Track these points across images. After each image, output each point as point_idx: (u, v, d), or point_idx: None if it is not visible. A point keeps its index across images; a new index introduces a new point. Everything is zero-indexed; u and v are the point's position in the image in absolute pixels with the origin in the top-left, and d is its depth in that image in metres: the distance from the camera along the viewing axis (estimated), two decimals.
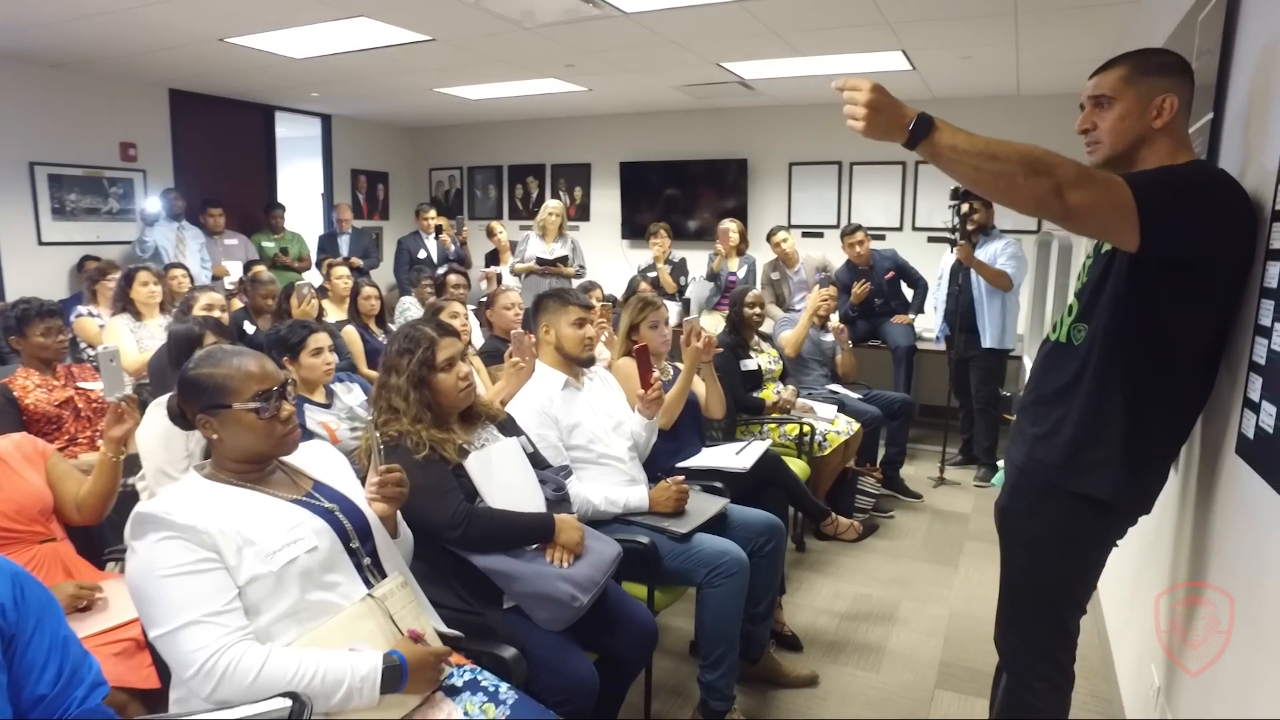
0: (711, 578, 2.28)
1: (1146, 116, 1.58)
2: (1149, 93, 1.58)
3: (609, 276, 7.25)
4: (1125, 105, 1.59)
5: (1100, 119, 1.63)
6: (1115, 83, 1.61)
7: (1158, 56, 1.63)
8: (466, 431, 2.06)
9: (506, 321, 3.80)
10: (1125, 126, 1.60)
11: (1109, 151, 1.63)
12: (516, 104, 6.87)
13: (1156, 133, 1.59)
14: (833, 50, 4.72)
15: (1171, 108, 1.57)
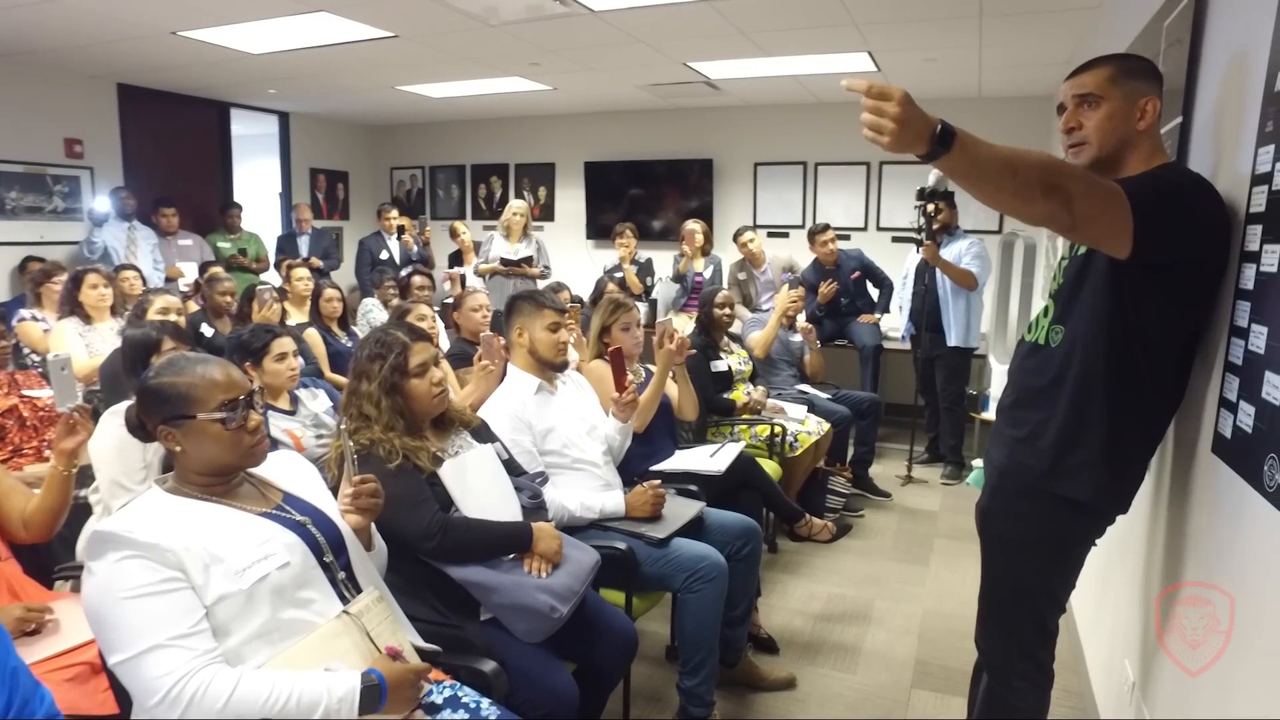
0: (690, 583, 2.26)
1: (1131, 118, 1.59)
2: (1134, 94, 1.59)
3: (574, 277, 7.18)
4: (1112, 105, 1.59)
5: (1086, 118, 1.62)
6: (1102, 82, 1.60)
7: (1137, 62, 1.65)
8: (440, 438, 2.01)
9: (474, 324, 3.74)
10: (1112, 127, 1.59)
11: (1096, 152, 1.62)
12: (480, 103, 6.79)
13: (1139, 135, 1.60)
14: (799, 51, 4.73)
15: (1154, 111, 1.58)
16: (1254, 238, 1.45)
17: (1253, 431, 1.38)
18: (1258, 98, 1.48)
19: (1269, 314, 1.36)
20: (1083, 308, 1.61)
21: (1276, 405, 1.29)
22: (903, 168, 6.32)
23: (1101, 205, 1.42)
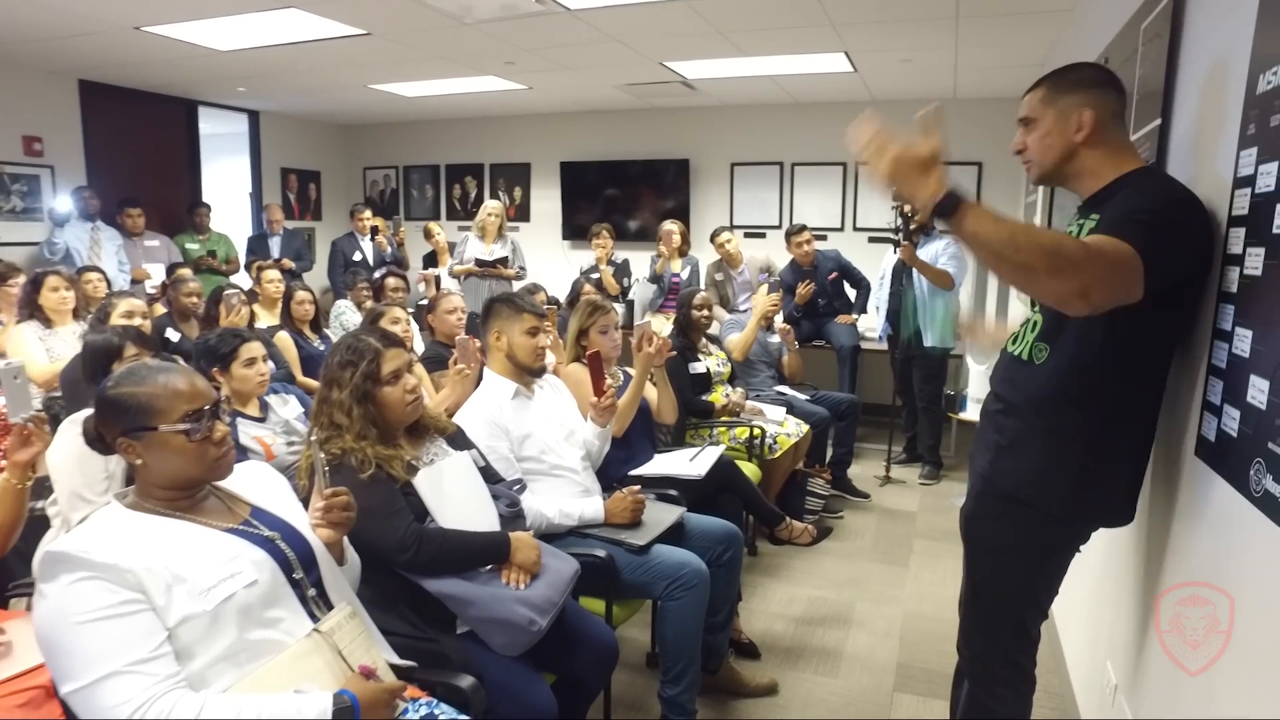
0: (672, 590, 2.22)
1: (1067, 133, 1.61)
2: (1066, 110, 1.61)
3: (550, 278, 7.13)
4: (1046, 124, 1.63)
5: (1028, 139, 1.67)
6: (1033, 104, 1.66)
7: (1074, 73, 1.65)
8: (414, 447, 1.95)
9: (449, 327, 3.68)
10: (1049, 143, 1.63)
11: (1039, 169, 1.68)
12: (454, 102, 6.71)
13: (1082, 146, 1.61)
14: (776, 51, 4.72)
15: (1090, 120, 1.59)
16: (1236, 241, 1.44)
17: (1238, 435, 1.37)
18: (1239, 100, 1.48)
19: (1253, 317, 1.35)
20: (1071, 330, 1.60)
21: (1261, 409, 1.28)
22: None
23: (1116, 281, 1.40)
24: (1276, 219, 1.29)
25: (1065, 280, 1.37)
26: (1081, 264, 1.38)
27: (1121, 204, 1.51)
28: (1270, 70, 1.36)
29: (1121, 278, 1.41)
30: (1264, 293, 1.32)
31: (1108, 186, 1.62)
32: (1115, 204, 1.52)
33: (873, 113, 1.45)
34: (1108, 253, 1.41)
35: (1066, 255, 1.37)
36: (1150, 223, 1.44)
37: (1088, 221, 1.60)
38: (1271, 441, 1.24)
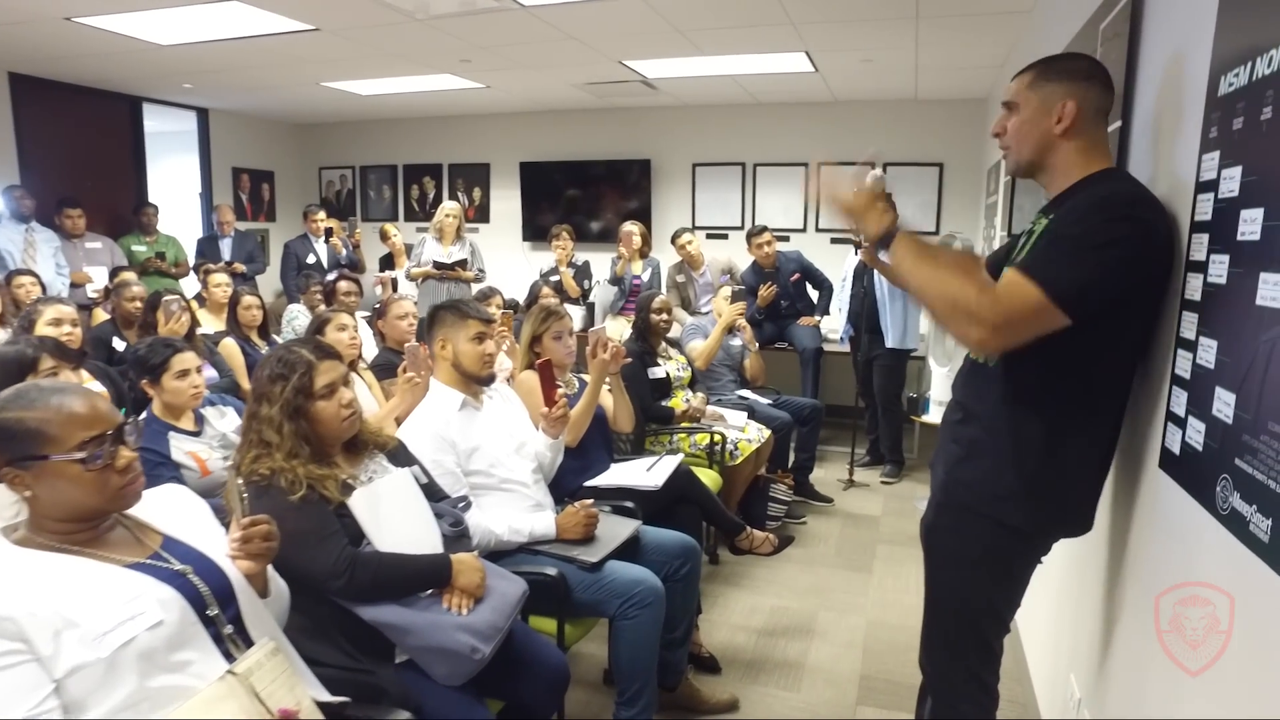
0: (626, 609, 2.14)
1: (1046, 123, 1.55)
2: (1049, 98, 1.55)
3: (510, 280, 7.02)
4: (1026, 111, 1.58)
5: (1009, 124, 1.62)
6: (1019, 88, 1.60)
7: (1065, 62, 1.60)
8: (351, 464, 1.85)
9: (400, 333, 3.56)
10: (1027, 131, 1.58)
11: (1015, 159, 1.63)
12: (411, 100, 6.56)
13: (1060, 139, 1.55)
14: (737, 50, 4.66)
15: (1073, 111, 1.53)
16: (1199, 247, 1.40)
17: (1203, 450, 1.32)
18: (1199, 102, 1.43)
19: (1219, 327, 1.30)
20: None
21: (1227, 423, 1.23)
22: (842, 169, 6.30)
23: (1015, 329, 1.41)
24: (1241, 225, 1.25)
25: (962, 329, 1.42)
26: (978, 316, 1.40)
27: (1064, 217, 1.47)
28: (1231, 72, 1.32)
29: (1026, 323, 1.41)
30: (1228, 302, 1.27)
31: (1071, 187, 1.57)
32: (1060, 216, 1.48)
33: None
34: (1007, 302, 1.40)
35: (964, 307, 1.40)
36: (1078, 247, 1.40)
37: (1041, 222, 1.56)
38: (1238, 458, 1.19)
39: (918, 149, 6.09)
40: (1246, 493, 1.16)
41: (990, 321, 1.39)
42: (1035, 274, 1.40)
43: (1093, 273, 1.40)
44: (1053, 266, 1.40)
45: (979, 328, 1.40)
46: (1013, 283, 1.42)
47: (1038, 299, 1.38)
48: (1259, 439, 1.14)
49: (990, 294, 1.41)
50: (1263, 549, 1.09)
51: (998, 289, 1.42)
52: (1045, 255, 1.43)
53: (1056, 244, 1.43)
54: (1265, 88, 1.20)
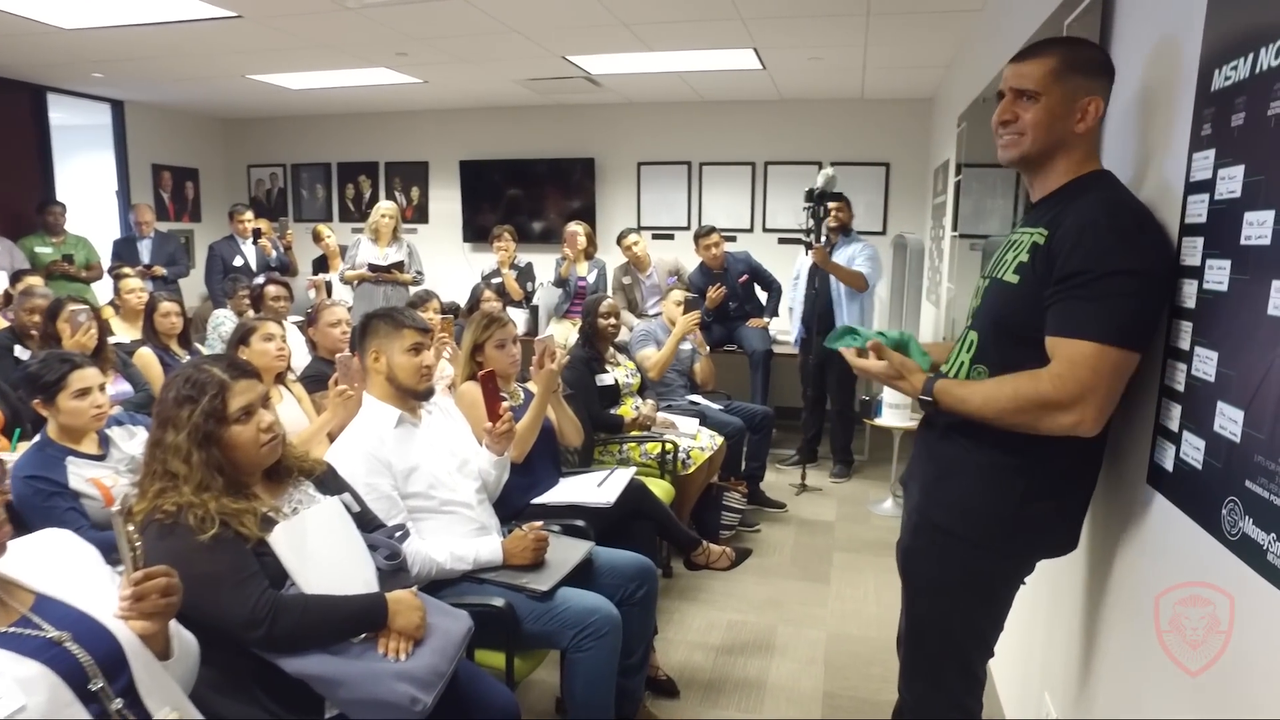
0: (580, 640, 1.99)
1: (1070, 119, 1.43)
2: (1075, 93, 1.42)
3: (450, 283, 6.80)
4: (1051, 102, 1.42)
5: (1024, 111, 1.45)
6: (1041, 76, 1.43)
7: (1087, 50, 1.48)
8: (273, 494, 1.65)
9: (332, 341, 3.33)
10: (1049, 125, 1.43)
11: (1020, 151, 1.47)
12: (345, 96, 6.28)
13: (1076, 138, 1.44)
14: (684, 46, 4.54)
15: (1096, 112, 1.43)
16: (1192, 251, 1.31)
17: (1203, 468, 1.23)
18: (1188, 98, 1.35)
19: (1219, 337, 1.21)
20: (1011, 351, 1.46)
21: (1234, 442, 1.14)
22: (788, 168, 6.28)
23: (1104, 397, 1.35)
24: (1244, 229, 1.16)
25: (1055, 422, 1.35)
26: (1060, 402, 1.33)
27: (1072, 243, 1.35)
28: (1228, 65, 1.23)
29: (1106, 381, 1.33)
30: (1231, 311, 1.18)
31: (1058, 191, 1.47)
32: (1062, 237, 1.36)
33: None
34: (1075, 373, 1.32)
35: (1041, 402, 1.35)
36: (1111, 283, 1.31)
37: (1034, 234, 1.45)
38: (1250, 480, 1.10)
39: (864, 149, 6.07)
40: (1263, 519, 1.07)
41: (1073, 400, 1.32)
42: (1086, 332, 1.31)
43: (1139, 303, 1.32)
44: (1097, 315, 1.31)
45: (1067, 413, 1.33)
46: (1069, 351, 1.33)
47: (1102, 354, 1.31)
48: (1277, 461, 1.05)
49: (1055, 377, 1.33)
50: None
51: (1058, 366, 1.34)
52: (1082, 307, 1.32)
53: (1089, 287, 1.32)
54: (1274, 80, 1.11)
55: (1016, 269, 1.46)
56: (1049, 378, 1.33)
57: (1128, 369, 1.34)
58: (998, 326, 1.49)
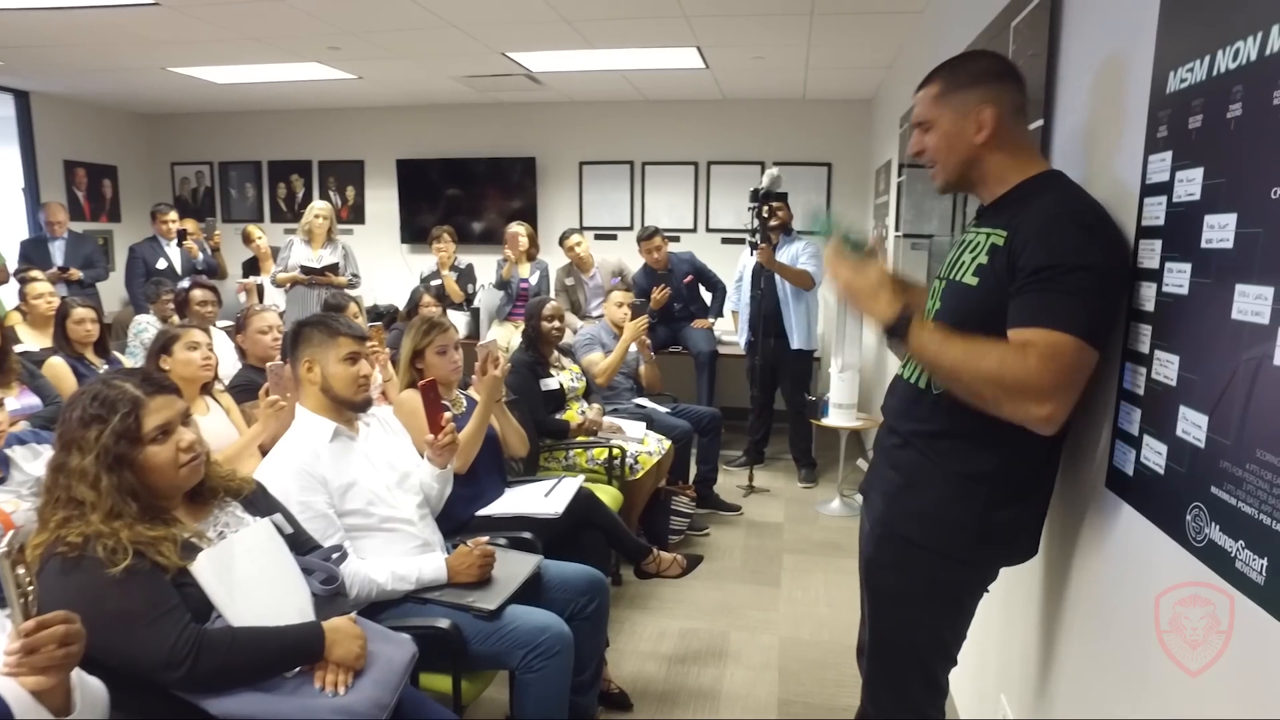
0: (531, 660, 1.90)
1: (967, 133, 1.43)
2: (963, 108, 1.43)
3: (388, 285, 6.62)
4: (943, 126, 1.46)
5: (927, 142, 1.49)
6: (927, 104, 1.48)
7: (971, 64, 1.48)
8: (195, 518, 1.53)
9: (263, 349, 3.17)
10: (949, 147, 1.46)
11: (943, 177, 1.51)
12: (276, 91, 6.04)
13: (984, 149, 1.44)
14: (626, 44, 4.47)
15: (991, 118, 1.42)
16: (1149, 254, 1.30)
17: (1166, 473, 1.22)
18: (1142, 100, 1.34)
19: (1179, 341, 1.20)
20: None
21: (1198, 447, 1.13)
22: (731, 168, 6.27)
23: (1076, 386, 1.32)
24: (1205, 232, 1.15)
25: (1023, 408, 1.30)
26: (1037, 388, 1.28)
27: (1030, 240, 1.33)
28: (1183, 67, 1.22)
29: (1074, 376, 1.30)
30: (1192, 314, 1.17)
31: (1010, 193, 1.46)
32: (1023, 236, 1.34)
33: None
34: (1055, 363, 1.28)
35: (1018, 384, 1.29)
36: (1077, 278, 1.29)
37: (993, 235, 1.43)
38: (1216, 486, 1.09)
39: (806, 149, 6.10)
40: (1230, 526, 1.05)
41: (1050, 390, 1.28)
42: (1059, 324, 1.28)
43: (1102, 298, 1.31)
44: (1073, 309, 1.29)
45: (1042, 404, 1.28)
46: (1048, 341, 1.29)
47: (1075, 346, 1.28)
48: (1244, 468, 1.03)
49: (1037, 361, 1.28)
50: (1256, 591, 0.98)
51: (1038, 353, 1.29)
52: (1057, 299, 1.29)
53: (1060, 280, 1.29)
54: (1232, 83, 1.10)
55: (975, 271, 1.44)
56: (1031, 361, 1.28)
57: (1092, 366, 1.33)
58: (958, 328, 1.46)
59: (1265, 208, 1.01)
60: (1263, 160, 1.02)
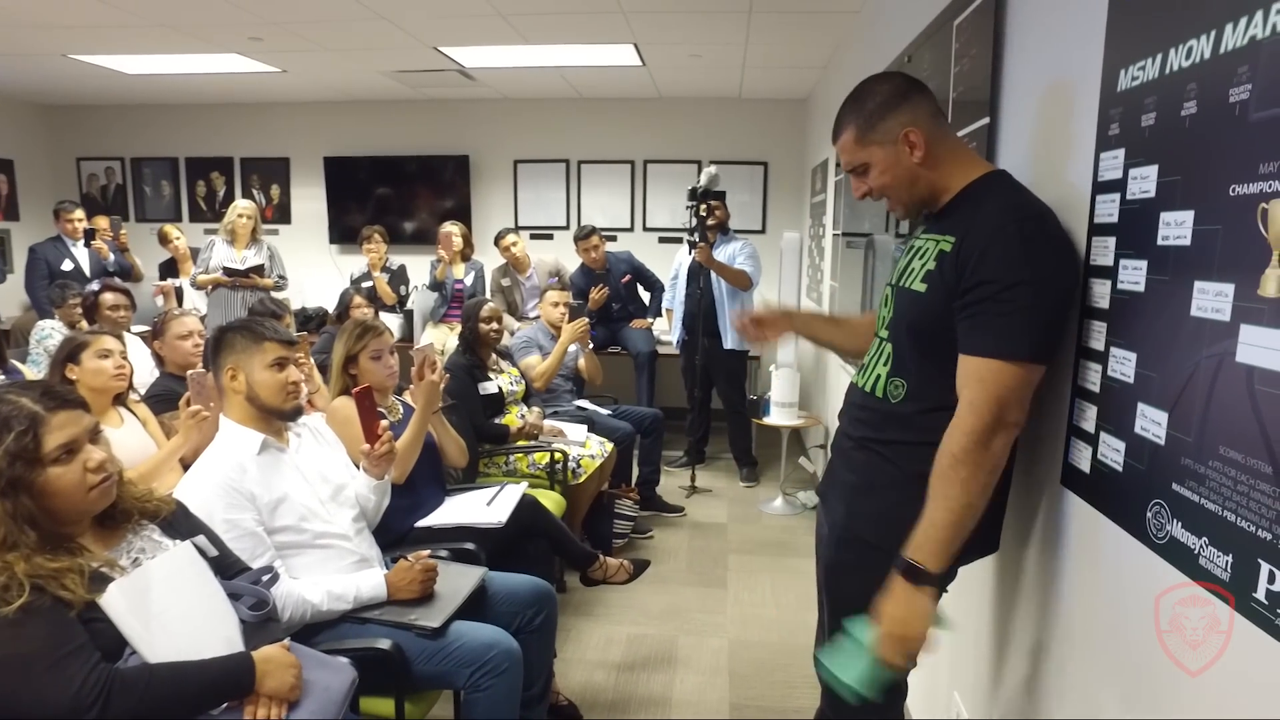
0: (478, 679, 1.82)
1: (903, 159, 1.43)
2: (888, 138, 1.42)
3: (317, 287, 6.38)
4: (879, 163, 1.45)
5: (870, 183, 1.48)
6: (852, 151, 1.47)
7: (873, 97, 1.46)
8: (106, 544, 1.40)
9: (182, 355, 2.98)
10: (894, 178, 1.45)
11: (902, 205, 1.50)
12: (193, 84, 5.75)
13: (923, 166, 1.43)
14: (563, 40, 4.38)
15: (920, 137, 1.41)
16: (1103, 251, 1.30)
17: (1124, 470, 1.22)
18: (1092, 98, 1.34)
19: (1136, 338, 1.20)
20: (930, 365, 1.43)
21: (1159, 444, 1.13)
22: (668, 166, 6.25)
23: (1024, 405, 1.33)
24: (1161, 229, 1.14)
25: (1003, 443, 1.32)
26: (982, 434, 1.29)
27: (985, 265, 1.31)
28: (1135, 65, 1.22)
29: (1018, 395, 1.31)
30: (1150, 312, 1.17)
31: (957, 197, 1.45)
32: (976, 264, 1.32)
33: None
34: (988, 395, 1.29)
35: (972, 448, 1.30)
36: (1017, 295, 1.28)
37: (941, 242, 1.41)
38: (1177, 483, 1.08)
39: (742, 148, 6.11)
40: (1192, 523, 1.05)
41: (999, 418, 1.29)
42: (999, 351, 1.29)
43: (1047, 314, 1.31)
44: (1007, 331, 1.29)
45: (1004, 432, 1.31)
46: (981, 372, 1.30)
47: (1012, 372, 1.29)
48: (1206, 465, 1.03)
49: (971, 405, 1.30)
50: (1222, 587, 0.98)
51: (971, 391, 1.31)
52: (990, 323, 1.30)
53: (996, 300, 1.29)
54: (1185, 81, 1.09)
55: (924, 278, 1.43)
56: (968, 410, 1.30)
57: (1037, 379, 1.34)
58: (911, 336, 1.45)
59: (1223, 205, 1.00)
60: (1219, 158, 1.02)
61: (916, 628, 1.33)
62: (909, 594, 1.33)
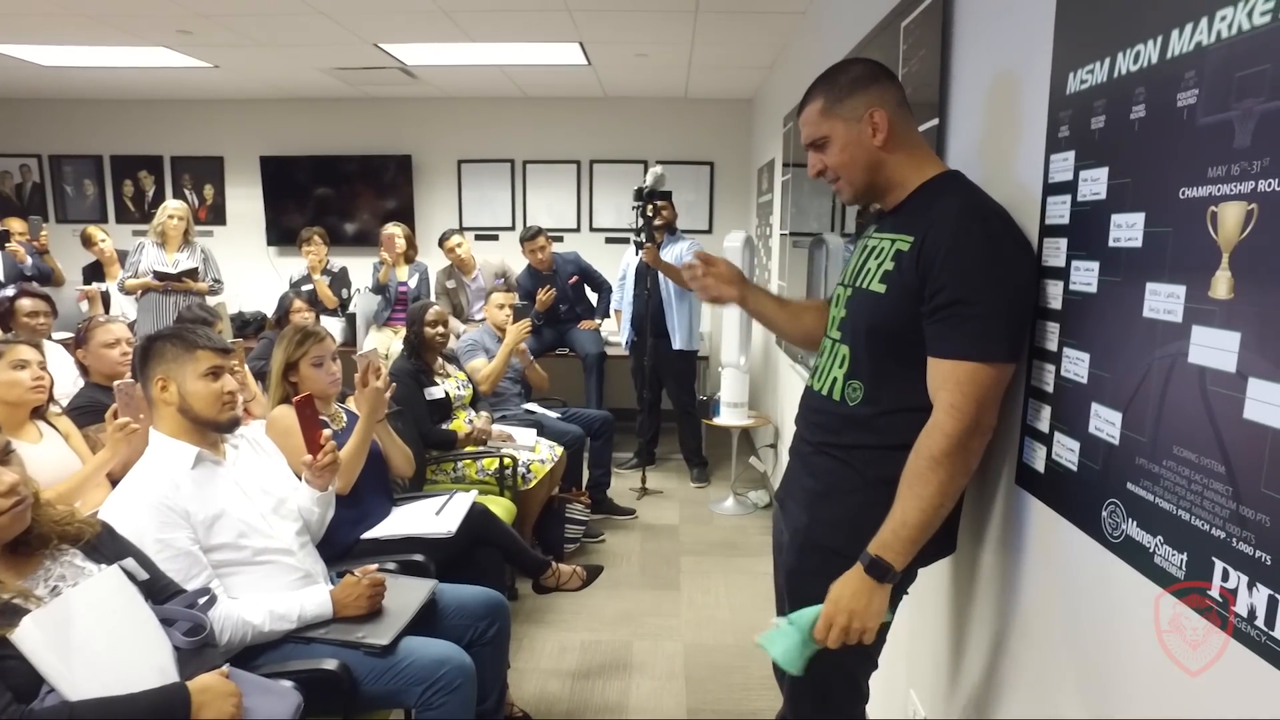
0: (430, 697, 1.76)
1: (865, 140, 1.42)
2: (853, 116, 1.42)
3: (254, 291, 6.19)
4: (840, 139, 1.43)
5: (826, 159, 1.46)
6: (815, 121, 1.46)
7: (845, 73, 1.46)
8: (19, 573, 1.31)
9: (109, 365, 2.83)
10: (851, 158, 1.44)
11: (851, 190, 1.48)
12: (118, 78, 5.50)
13: (884, 152, 1.43)
14: (507, 37, 4.31)
15: (884, 119, 1.41)
16: (1054, 252, 1.31)
17: (1079, 470, 1.23)
18: (1041, 100, 1.35)
19: (1089, 339, 1.21)
20: (887, 367, 1.42)
21: (1113, 444, 1.13)
22: (614, 166, 6.21)
23: (996, 406, 1.34)
24: (1113, 230, 1.15)
25: (977, 448, 1.33)
26: (958, 436, 1.29)
27: (954, 266, 1.30)
28: (1083, 69, 1.23)
29: (993, 394, 1.31)
30: (1102, 312, 1.18)
31: (912, 196, 1.44)
32: (943, 267, 1.31)
33: None
34: (965, 397, 1.30)
35: (950, 448, 1.30)
36: (986, 299, 1.29)
37: (897, 241, 1.40)
38: (1132, 482, 1.09)
39: (688, 148, 6.11)
40: (1147, 522, 1.06)
41: (976, 421, 1.30)
42: (977, 353, 1.29)
43: (1016, 313, 1.32)
44: (983, 334, 1.29)
45: (981, 435, 1.32)
46: (959, 375, 1.30)
47: (987, 372, 1.29)
48: (1161, 464, 1.03)
49: (951, 409, 1.30)
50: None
51: (950, 394, 1.30)
52: (964, 326, 1.30)
53: (968, 304, 1.29)
54: (1134, 85, 1.10)
55: (883, 278, 1.42)
56: (949, 413, 1.29)
57: (1008, 379, 1.35)
58: (870, 338, 1.44)
59: (1173, 207, 1.01)
60: (1169, 161, 1.02)
61: (870, 622, 1.34)
62: (871, 589, 1.33)
